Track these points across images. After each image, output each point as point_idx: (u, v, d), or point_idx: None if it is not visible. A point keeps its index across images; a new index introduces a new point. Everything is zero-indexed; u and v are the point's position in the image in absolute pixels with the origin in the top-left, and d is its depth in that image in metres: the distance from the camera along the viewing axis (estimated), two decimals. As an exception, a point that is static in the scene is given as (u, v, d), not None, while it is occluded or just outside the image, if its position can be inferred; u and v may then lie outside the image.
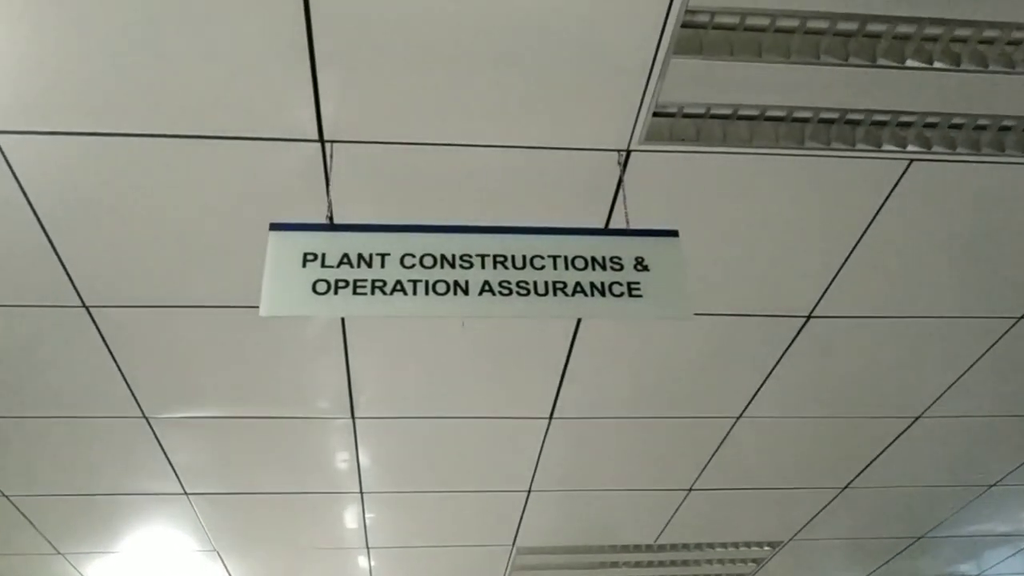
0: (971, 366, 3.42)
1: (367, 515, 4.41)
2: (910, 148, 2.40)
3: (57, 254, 2.55)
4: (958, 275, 2.93)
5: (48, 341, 2.95)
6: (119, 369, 3.12)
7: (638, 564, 5.24)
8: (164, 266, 2.64)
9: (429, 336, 3.05)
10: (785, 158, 2.40)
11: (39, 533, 4.38)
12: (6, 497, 4.00)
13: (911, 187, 2.53)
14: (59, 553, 4.63)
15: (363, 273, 2.04)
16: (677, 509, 4.55)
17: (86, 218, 2.44)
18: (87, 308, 2.80)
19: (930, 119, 2.35)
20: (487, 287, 2.06)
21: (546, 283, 2.08)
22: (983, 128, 2.41)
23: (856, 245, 2.75)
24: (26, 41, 1.94)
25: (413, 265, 2.06)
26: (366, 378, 3.26)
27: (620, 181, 2.41)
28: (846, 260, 2.81)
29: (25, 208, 2.38)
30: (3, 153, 2.20)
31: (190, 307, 2.83)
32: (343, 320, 2.94)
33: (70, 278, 2.65)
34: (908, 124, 2.38)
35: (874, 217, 2.64)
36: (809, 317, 3.08)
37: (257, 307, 2.80)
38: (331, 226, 2.12)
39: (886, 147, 2.39)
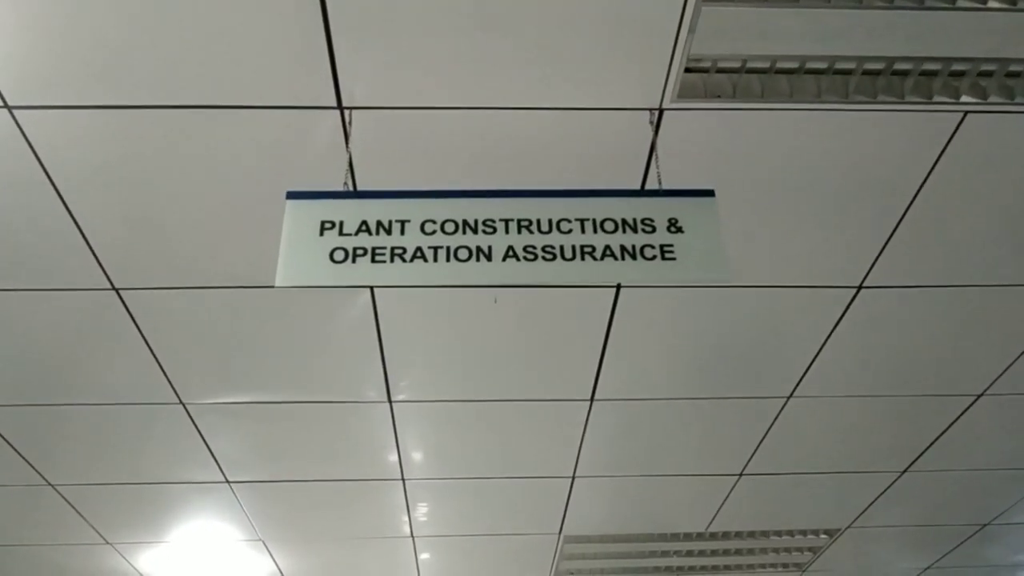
0: (1038, 338, 3.23)
1: (410, 502, 4.35)
2: (964, 99, 2.25)
3: (83, 234, 2.53)
4: (1021, 239, 2.75)
5: (82, 326, 2.94)
6: (153, 354, 3.10)
7: (689, 553, 5.10)
8: (190, 244, 2.61)
9: (462, 316, 2.98)
10: (828, 113, 2.27)
11: (87, 523, 4.41)
12: (53, 487, 4.03)
13: (966, 142, 2.37)
14: (108, 543, 4.67)
15: (382, 240, 1.96)
16: (728, 495, 4.40)
17: (109, 195, 2.41)
18: (117, 291, 2.78)
19: (985, 67, 2.20)
20: (511, 252, 1.97)
21: (573, 247, 1.98)
22: (1044, 75, 2.24)
23: (908, 207, 2.59)
24: (41, 12, 1.90)
25: (434, 231, 1.98)
26: (400, 361, 3.20)
27: (653, 142, 2.30)
28: (898, 224, 2.65)
29: (47, 186, 2.35)
30: (21, 129, 2.17)
31: (219, 287, 2.79)
32: (374, 300, 2.88)
33: (97, 259, 2.63)
34: (961, 73, 2.22)
35: (927, 176, 2.48)
36: (860, 288, 2.92)
37: (286, 288, 2.77)
38: (349, 193, 2.04)
39: (937, 99, 2.24)
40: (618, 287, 2.86)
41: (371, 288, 2.82)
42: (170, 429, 3.58)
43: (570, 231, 2.00)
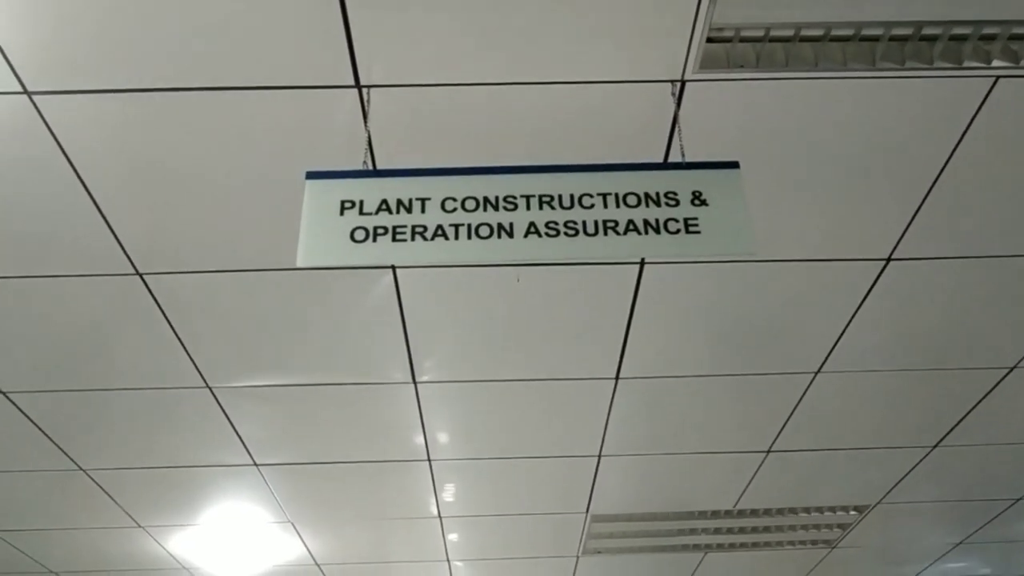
0: (1072, 309, 3.16)
1: (436, 483, 4.36)
2: (995, 64, 2.19)
3: (105, 219, 2.54)
4: (1054, 207, 2.68)
5: (107, 312, 2.96)
6: (178, 338, 3.12)
7: (717, 531, 5.09)
8: (212, 228, 2.61)
9: (485, 296, 2.96)
10: (855, 81, 2.22)
11: (119, 507, 4.47)
12: (84, 471, 4.08)
13: (998, 108, 2.31)
14: (140, 526, 4.73)
15: (403, 219, 1.95)
16: (756, 472, 4.37)
17: (129, 179, 2.41)
18: (141, 276, 2.79)
19: (1017, 29, 2.13)
20: (533, 229, 1.95)
21: (596, 222, 1.96)
22: (1079, 36, 2.18)
23: (938, 177, 2.54)
24: (53, -6, 1.90)
25: (455, 209, 1.97)
26: (424, 342, 3.19)
27: (675, 115, 2.26)
28: (927, 194, 2.60)
29: (69, 172, 2.36)
30: (41, 114, 2.18)
31: (242, 271, 2.79)
32: (396, 280, 2.87)
33: (120, 244, 2.64)
34: (992, 37, 2.16)
35: (957, 144, 2.42)
36: (888, 260, 2.87)
37: (308, 270, 2.77)
38: (368, 172, 2.03)
39: (968, 64, 2.18)
40: (642, 263, 2.83)
41: (393, 268, 2.81)
42: (198, 413, 3.61)
43: (592, 206, 1.97)
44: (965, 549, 5.59)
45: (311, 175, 2.00)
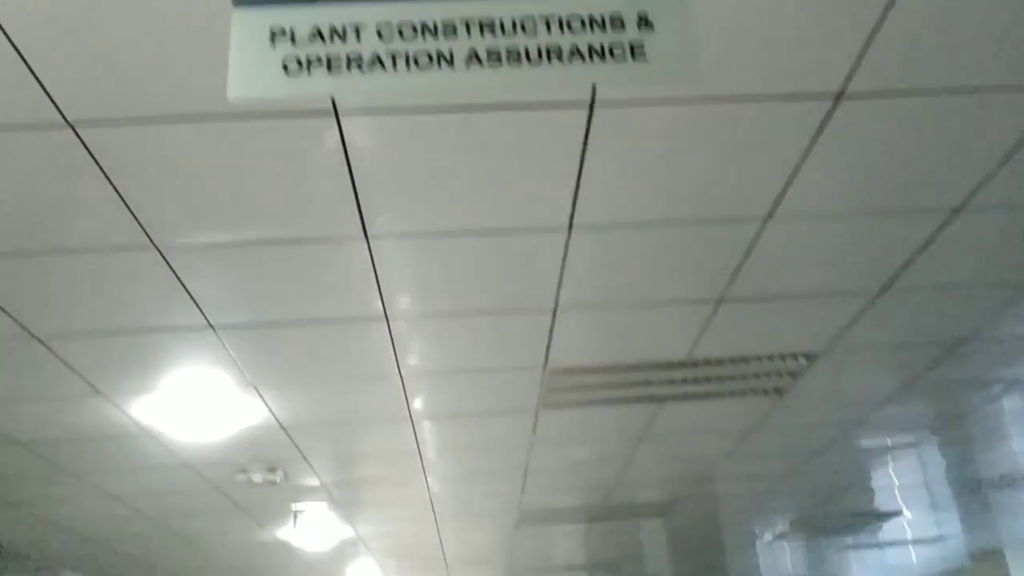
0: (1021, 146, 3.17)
1: (396, 343, 4.40)
2: None
3: (24, 59, 2.40)
4: (1015, 32, 2.64)
5: (41, 168, 2.85)
6: (119, 196, 3.03)
7: (672, 381, 5.23)
8: (143, 70, 2.48)
9: (432, 145, 2.89)
10: (808, -102, 2.13)
11: (76, 374, 4.45)
12: (38, 339, 4.04)
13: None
14: (100, 393, 4.73)
15: (337, 48, 1.86)
16: (708, 322, 4.46)
17: (50, 18, 2.27)
18: (72, 127, 2.67)
19: None
20: (474, 56, 1.88)
21: (538, 48, 1.89)
22: None
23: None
24: None
25: (391, 37, 1.88)
26: (373, 195, 3.14)
27: (621, -63, 2.16)
28: (881, 22, 2.55)
29: (-20, 10, 2.22)
30: (-58, -57, 2.02)
31: (181, 120, 2.69)
32: (341, 131, 2.78)
33: (45, 90, 2.51)
34: None
35: (911, -32, 2.36)
36: (839, 98, 2.84)
37: (252, 116, 2.69)
38: (299, -2, 1.93)
39: None
40: (591, 107, 2.77)
41: (337, 117, 2.72)
42: (148, 274, 3.55)
43: (535, 31, 1.90)
44: (910, 392, 5.80)
45: (238, 2, 1.90)
